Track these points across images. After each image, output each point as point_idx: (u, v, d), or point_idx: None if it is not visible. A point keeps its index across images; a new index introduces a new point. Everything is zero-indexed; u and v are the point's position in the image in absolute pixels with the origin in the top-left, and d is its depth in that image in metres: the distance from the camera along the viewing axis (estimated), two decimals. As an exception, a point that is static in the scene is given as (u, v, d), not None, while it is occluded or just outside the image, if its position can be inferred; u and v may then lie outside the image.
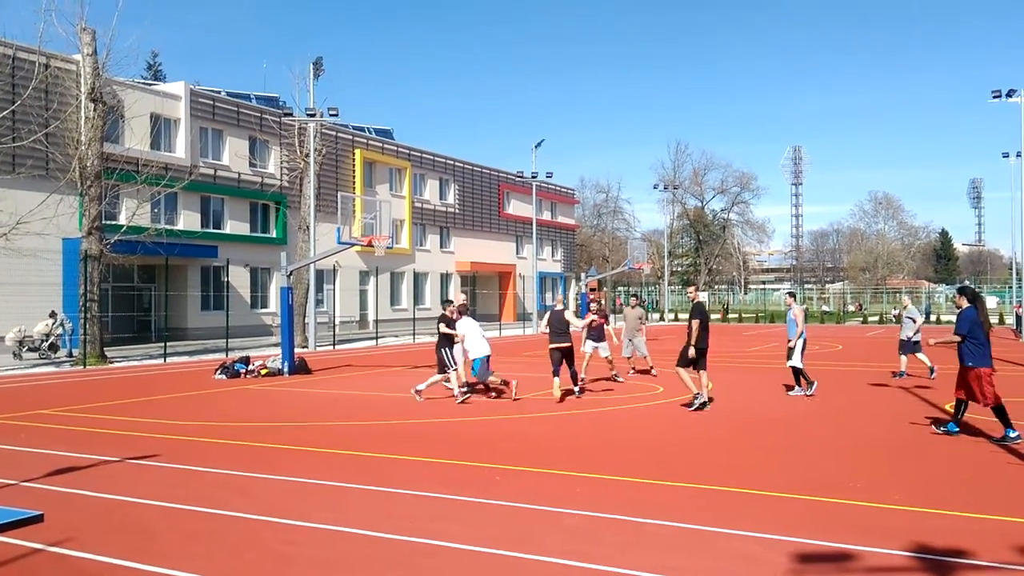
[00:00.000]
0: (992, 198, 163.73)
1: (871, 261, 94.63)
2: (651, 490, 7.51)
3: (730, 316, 59.79)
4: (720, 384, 15.47)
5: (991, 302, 68.59)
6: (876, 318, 57.38)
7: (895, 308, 60.86)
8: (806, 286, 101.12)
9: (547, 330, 13.99)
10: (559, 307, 14.11)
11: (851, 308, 69.95)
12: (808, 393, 14.21)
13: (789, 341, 14.32)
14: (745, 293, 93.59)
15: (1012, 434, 9.63)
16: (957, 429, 10.25)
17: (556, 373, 13.71)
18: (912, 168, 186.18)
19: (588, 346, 16.60)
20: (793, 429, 11.02)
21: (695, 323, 12.49)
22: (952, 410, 10.64)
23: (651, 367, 18.16)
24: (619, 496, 7.27)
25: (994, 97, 34.09)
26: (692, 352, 12.42)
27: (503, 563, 5.44)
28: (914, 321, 17.63)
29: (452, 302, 15.06)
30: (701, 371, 12.67)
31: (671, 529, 6.20)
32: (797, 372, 14.38)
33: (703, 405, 12.45)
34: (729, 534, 6.05)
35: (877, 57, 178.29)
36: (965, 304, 10.20)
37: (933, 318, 55.31)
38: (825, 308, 68.67)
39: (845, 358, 23.89)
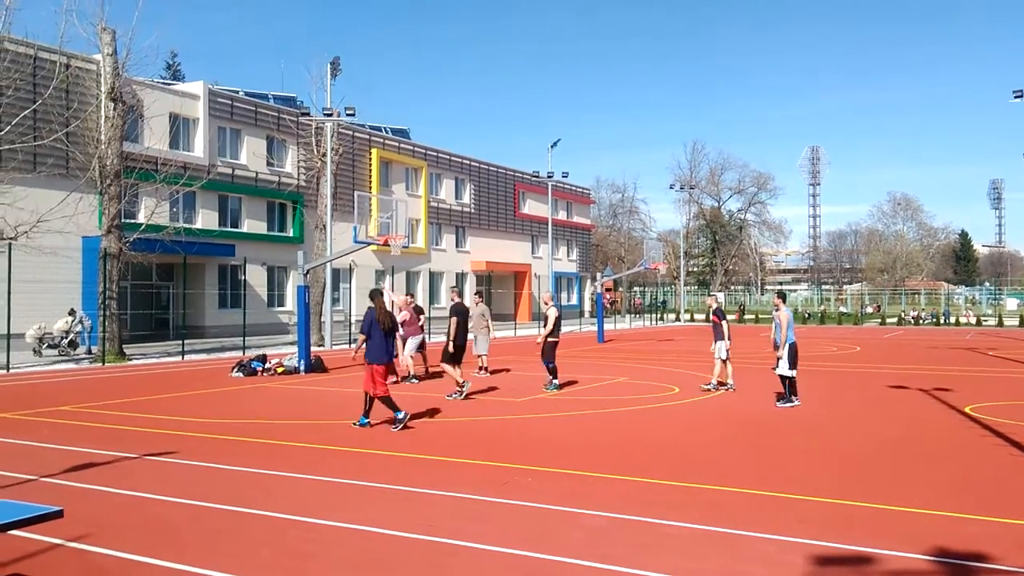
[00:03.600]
0: (1013, 199, 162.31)
1: (889, 262, 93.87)
2: (669, 491, 7.48)
3: (747, 317, 59.48)
4: (737, 385, 15.37)
5: (1011, 304, 67.82)
6: (895, 319, 56.90)
7: (914, 310, 60.36)
8: (823, 287, 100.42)
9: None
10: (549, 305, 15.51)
11: (869, 309, 69.41)
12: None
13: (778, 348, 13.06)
14: (762, 294, 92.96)
15: (400, 415, 10.70)
16: (367, 421, 10.95)
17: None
18: (932, 168, 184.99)
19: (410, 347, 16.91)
20: (811, 430, 10.95)
21: (453, 321, 13.92)
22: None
23: (482, 367, 18.07)
24: (637, 497, 7.25)
25: (1015, 97, 33.71)
26: (451, 347, 13.70)
27: (523, 563, 5.44)
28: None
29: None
30: (458, 365, 13.85)
31: (689, 531, 6.17)
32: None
33: (464, 396, 13.68)
34: (746, 536, 6.01)
35: (897, 56, 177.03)
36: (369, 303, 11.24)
37: (952, 320, 54.84)
38: (843, 309, 68.21)
39: (864, 360, 23.72)
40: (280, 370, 18.65)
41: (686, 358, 23.88)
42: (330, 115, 28.75)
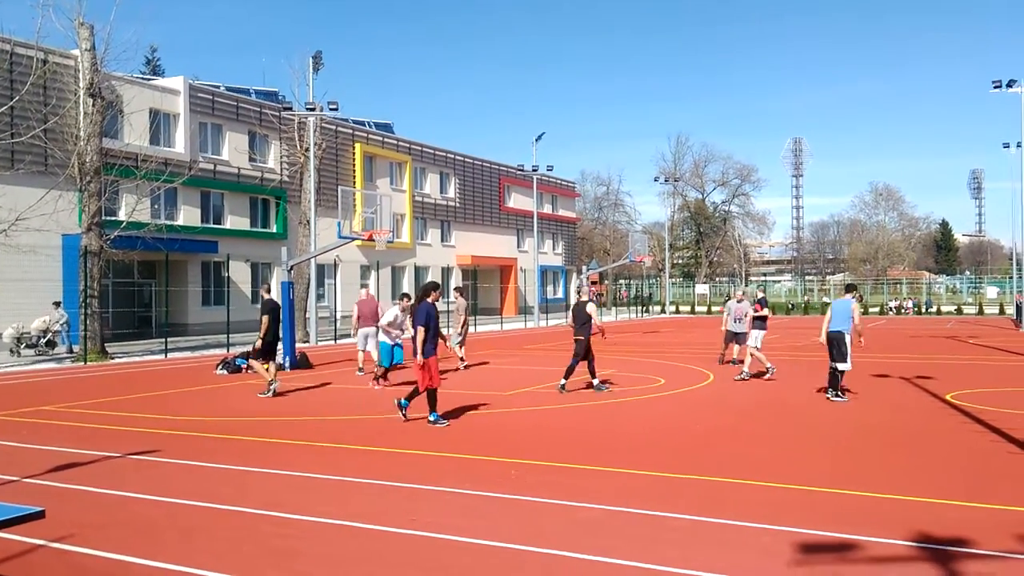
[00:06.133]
0: (993, 188, 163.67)
1: (872, 252, 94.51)
2: (660, 482, 7.50)
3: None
4: (723, 376, 15.46)
5: (991, 292, 68.48)
6: (877, 309, 57.33)
7: (893, 300, 60.81)
8: (807, 278, 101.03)
9: (572, 322, 14.34)
10: (583, 299, 14.34)
11: (852, 299, 69.77)
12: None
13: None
14: (746, 285, 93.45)
15: (429, 417, 10.63)
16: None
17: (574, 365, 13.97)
18: (913, 159, 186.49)
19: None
20: (795, 420, 11.01)
21: (265, 318, 13.78)
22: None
23: (462, 361, 18.14)
24: (629, 489, 7.25)
25: (995, 87, 34.00)
26: (259, 344, 13.78)
27: (514, 558, 5.42)
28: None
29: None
30: (271, 361, 13.96)
31: (680, 521, 6.19)
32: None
33: (273, 392, 13.58)
34: (735, 525, 6.03)
35: (877, 48, 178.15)
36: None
37: (933, 309, 55.32)
38: (826, 299, 68.61)
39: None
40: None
41: (672, 350, 23.96)
42: (313, 110, 28.58)
